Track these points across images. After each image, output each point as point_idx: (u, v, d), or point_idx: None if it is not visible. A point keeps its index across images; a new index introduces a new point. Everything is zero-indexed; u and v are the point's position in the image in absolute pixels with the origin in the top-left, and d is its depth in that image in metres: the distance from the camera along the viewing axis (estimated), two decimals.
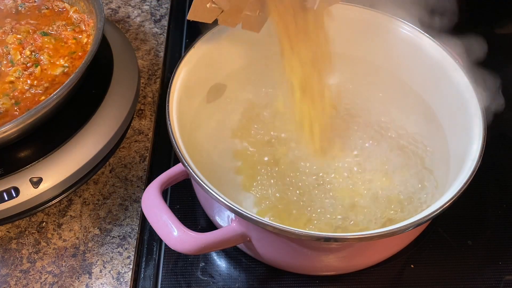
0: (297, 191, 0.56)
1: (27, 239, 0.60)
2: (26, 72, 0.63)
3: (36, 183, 0.59)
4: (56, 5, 0.72)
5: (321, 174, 0.58)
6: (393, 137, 0.61)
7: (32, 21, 0.70)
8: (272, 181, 0.57)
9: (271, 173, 0.58)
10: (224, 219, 0.54)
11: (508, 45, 0.82)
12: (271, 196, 0.56)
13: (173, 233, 0.48)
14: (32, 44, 0.66)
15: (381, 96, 0.66)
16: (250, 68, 0.68)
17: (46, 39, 0.67)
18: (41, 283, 0.57)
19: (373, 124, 0.63)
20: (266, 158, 0.59)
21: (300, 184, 0.57)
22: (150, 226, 0.60)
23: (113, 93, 0.66)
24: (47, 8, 0.72)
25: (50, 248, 0.59)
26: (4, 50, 0.65)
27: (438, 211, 0.47)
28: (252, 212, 0.47)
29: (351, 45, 0.69)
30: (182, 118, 0.55)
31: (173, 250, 0.48)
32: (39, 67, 0.63)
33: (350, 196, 0.56)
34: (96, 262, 0.58)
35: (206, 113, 0.64)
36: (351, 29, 0.66)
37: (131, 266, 0.58)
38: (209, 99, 0.65)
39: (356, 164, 0.59)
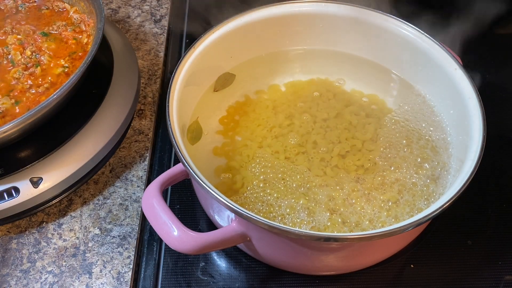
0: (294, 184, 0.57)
1: (27, 239, 0.60)
2: (26, 72, 0.63)
3: (36, 183, 0.59)
4: (56, 5, 0.72)
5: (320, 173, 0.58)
6: (393, 136, 0.61)
7: (32, 22, 0.70)
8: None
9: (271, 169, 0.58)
10: (224, 219, 0.54)
11: (508, 45, 0.82)
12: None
13: (173, 233, 0.48)
14: (32, 44, 0.66)
15: (380, 96, 0.66)
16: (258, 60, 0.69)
17: (46, 40, 0.67)
18: (41, 283, 0.57)
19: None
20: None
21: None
22: (150, 226, 0.60)
23: (113, 93, 0.66)
24: (47, 8, 0.72)
25: (50, 248, 0.60)
26: (5, 50, 0.65)
27: (438, 211, 0.47)
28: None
29: (351, 44, 0.69)
30: (183, 111, 0.56)
31: (173, 250, 0.49)
32: (39, 67, 0.64)
33: (345, 195, 0.56)
34: (96, 262, 0.58)
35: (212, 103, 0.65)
36: (351, 28, 0.67)
37: (131, 266, 0.58)
38: (216, 88, 0.65)
39: (354, 167, 0.59)
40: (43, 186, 0.59)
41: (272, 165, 0.58)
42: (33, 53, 0.65)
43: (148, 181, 0.66)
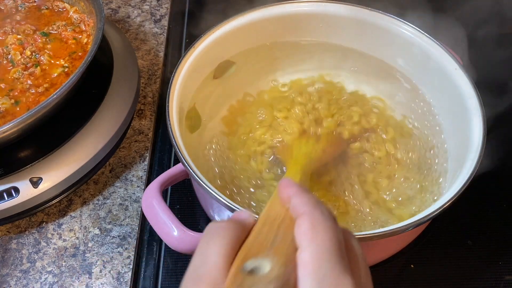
0: None
1: (27, 239, 0.60)
2: (26, 72, 0.63)
3: (36, 183, 0.59)
4: (56, 5, 0.72)
5: None
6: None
7: (32, 22, 0.70)
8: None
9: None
10: (224, 219, 0.54)
11: (509, 45, 0.82)
12: None
13: (173, 233, 0.48)
14: (32, 44, 0.66)
15: (381, 95, 0.66)
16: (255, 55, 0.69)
17: (46, 40, 0.67)
18: (41, 283, 0.57)
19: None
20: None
21: None
22: (150, 226, 0.60)
23: (113, 93, 0.66)
24: (47, 8, 0.72)
25: (50, 248, 0.59)
26: (5, 50, 0.65)
27: (438, 211, 0.47)
28: None
29: (351, 44, 0.69)
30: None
31: (173, 250, 0.49)
32: (39, 67, 0.64)
33: (345, 195, 0.56)
34: (96, 262, 0.58)
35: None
36: (351, 28, 0.67)
37: (131, 266, 0.58)
38: (216, 75, 0.65)
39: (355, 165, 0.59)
40: (43, 186, 0.59)
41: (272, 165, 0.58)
42: (33, 53, 0.65)
43: (148, 181, 0.66)
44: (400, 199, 0.55)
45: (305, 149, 0.56)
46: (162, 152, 0.69)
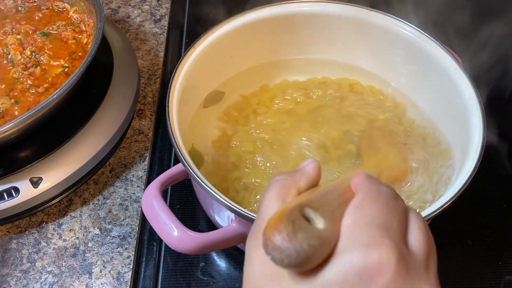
0: None
1: (27, 239, 0.60)
2: (26, 72, 0.63)
3: (36, 183, 0.59)
4: (56, 5, 0.72)
5: None
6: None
7: (32, 21, 0.70)
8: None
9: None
10: (224, 219, 0.54)
11: (509, 45, 0.82)
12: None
13: (173, 233, 0.48)
14: (32, 44, 0.66)
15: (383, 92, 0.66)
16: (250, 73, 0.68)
17: (46, 40, 0.67)
18: (41, 283, 0.57)
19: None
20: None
21: None
22: (150, 226, 0.60)
23: (113, 93, 0.66)
24: (47, 8, 0.72)
25: (50, 248, 0.60)
26: (5, 50, 0.65)
27: (438, 211, 0.47)
28: None
29: (351, 44, 0.69)
30: (181, 120, 0.56)
31: (173, 250, 0.49)
32: (39, 67, 0.64)
33: None
34: (96, 262, 0.58)
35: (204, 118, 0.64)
36: (351, 28, 0.66)
37: (131, 266, 0.58)
38: (206, 104, 0.65)
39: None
40: (43, 186, 0.59)
41: (271, 165, 0.58)
42: (33, 53, 0.65)
43: (148, 181, 0.66)
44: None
45: (392, 160, 0.56)
46: (162, 152, 0.69)
